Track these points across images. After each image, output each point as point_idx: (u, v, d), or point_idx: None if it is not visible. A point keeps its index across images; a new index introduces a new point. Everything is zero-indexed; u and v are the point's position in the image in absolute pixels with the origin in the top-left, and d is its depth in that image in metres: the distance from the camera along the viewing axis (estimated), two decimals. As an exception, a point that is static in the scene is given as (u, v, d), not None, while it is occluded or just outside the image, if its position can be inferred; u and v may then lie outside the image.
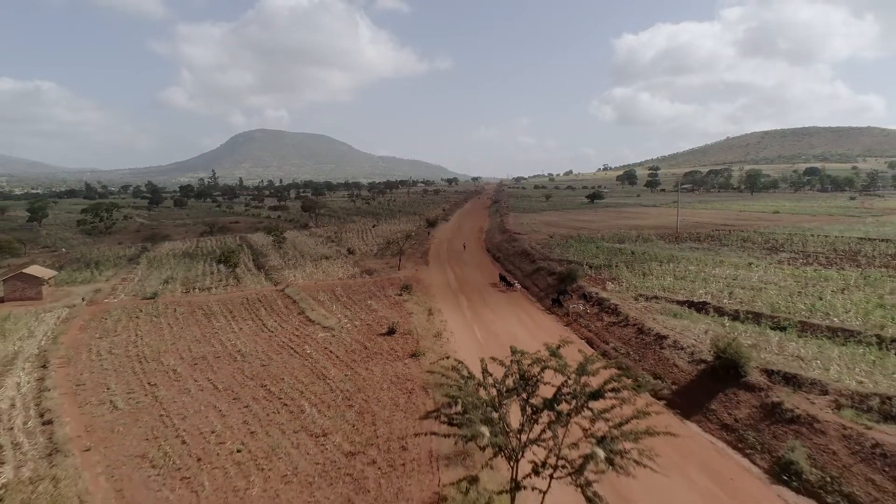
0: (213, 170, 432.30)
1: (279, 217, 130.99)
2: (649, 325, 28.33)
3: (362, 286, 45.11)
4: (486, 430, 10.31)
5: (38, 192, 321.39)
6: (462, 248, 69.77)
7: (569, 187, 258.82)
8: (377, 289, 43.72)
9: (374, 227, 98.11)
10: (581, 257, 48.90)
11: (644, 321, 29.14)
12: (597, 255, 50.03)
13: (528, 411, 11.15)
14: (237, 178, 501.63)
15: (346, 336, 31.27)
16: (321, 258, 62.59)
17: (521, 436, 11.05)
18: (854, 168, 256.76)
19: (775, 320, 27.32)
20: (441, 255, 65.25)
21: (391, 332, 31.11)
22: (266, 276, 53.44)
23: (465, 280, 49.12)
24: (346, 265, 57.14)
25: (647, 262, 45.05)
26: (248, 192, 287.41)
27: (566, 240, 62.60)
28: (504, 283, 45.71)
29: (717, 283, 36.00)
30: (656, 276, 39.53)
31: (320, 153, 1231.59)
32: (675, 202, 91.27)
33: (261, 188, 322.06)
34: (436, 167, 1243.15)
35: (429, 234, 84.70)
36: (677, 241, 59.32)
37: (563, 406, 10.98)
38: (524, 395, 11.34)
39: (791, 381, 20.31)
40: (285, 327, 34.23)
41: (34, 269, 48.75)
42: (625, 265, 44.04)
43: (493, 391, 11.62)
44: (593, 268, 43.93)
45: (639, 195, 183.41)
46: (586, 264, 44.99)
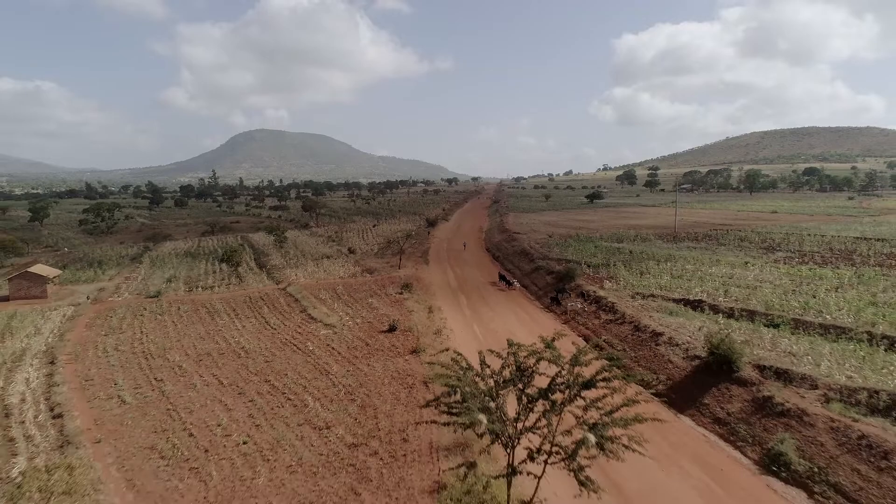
0: (214, 170, 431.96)
1: (280, 217, 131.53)
2: (645, 323, 28.80)
3: (363, 285, 45.61)
4: (483, 417, 10.86)
5: (39, 192, 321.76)
6: (462, 248, 70.11)
7: (568, 187, 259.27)
8: (378, 287, 44.21)
9: (374, 226, 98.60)
10: (579, 256, 49.29)
11: (640, 319, 29.61)
12: (595, 255, 50.49)
13: (524, 400, 11.70)
14: (237, 178, 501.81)
15: (348, 333, 31.79)
16: (322, 257, 63.10)
17: (517, 424, 11.59)
18: (853, 168, 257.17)
19: (769, 318, 27.79)
20: (441, 254, 65.73)
21: (392, 329, 31.61)
22: (268, 274, 53.96)
23: (465, 279, 49.60)
24: (346, 264, 57.66)
25: (645, 262, 45.47)
26: (249, 192, 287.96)
27: (565, 239, 63.05)
28: (503, 282, 46.14)
29: (714, 282, 36.47)
30: (653, 275, 39.99)
31: (320, 153, 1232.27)
32: (674, 202, 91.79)
33: (261, 188, 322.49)
34: (436, 167, 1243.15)
35: (429, 234, 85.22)
36: (675, 240, 59.79)
37: (557, 395, 11.53)
38: (520, 386, 11.88)
39: (782, 375, 20.82)
40: (288, 325, 34.75)
41: (39, 268, 49.28)
42: (623, 264, 44.49)
43: (491, 382, 12.17)
44: (591, 267, 44.38)
45: (638, 195, 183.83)
46: (585, 263, 45.41)
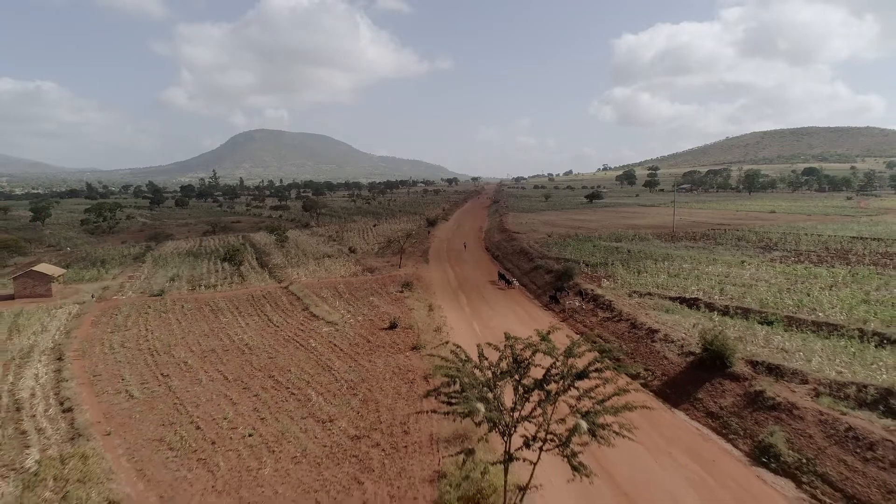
0: (214, 170, 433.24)
1: (280, 217, 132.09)
2: (642, 320, 29.32)
3: (364, 283, 46.14)
4: (481, 406, 11.40)
5: (39, 192, 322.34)
6: (462, 248, 70.59)
7: (568, 187, 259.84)
8: (379, 286, 44.74)
9: (374, 226, 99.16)
10: (578, 256, 49.81)
11: (637, 316, 30.13)
12: (593, 254, 51.03)
13: (521, 391, 12.23)
14: (237, 178, 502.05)
15: (350, 330, 32.34)
16: (323, 257, 63.68)
17: (513, 413, 12.13)
18: (852, 168, 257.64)
19: (763, 315, 28.34)
20: (441, 253, 66.28)
21: (393, 326, 32.16)
22: (270, 273, 54.50)
23: (465, 278, 50.13)
24: (347, 263, 58.23)
25: (643, 261, 46.01)
26: (249, 192, 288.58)
27: (564, 239, 63.60)
28: (503, 280, 46.64)
29: (710, 281, 37.01)
30: (651, 274, 40.53)
31: (320, 153, 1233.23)
32: (673, 202, 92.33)
33: (261, 188, 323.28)
34: (436, 167, 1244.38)
35: (429, 234, 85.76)
36: (673, 239, 60.34)
37: (552, 385, 12.07)
38: (517, 377, 12.42)
39: (774, 371, 21.39)
40: (290, 322, 35.29)
41: (43, 267, 49.83)
42: (620, 263, 45.01)
43: (489, 373, 12.71)
44: (590, 266, 44.91)
45: (637, 195, 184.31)
46: (583, 262, 45.93)
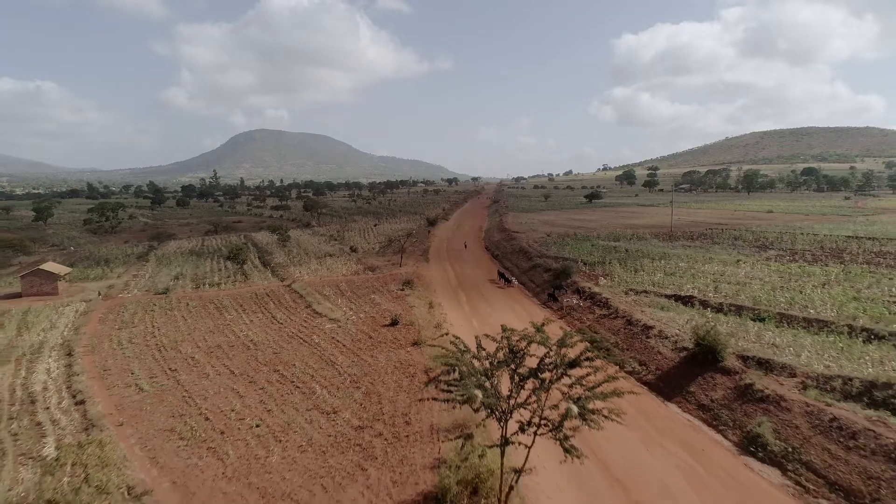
0: (215, 170, 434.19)
1: (282, 216, 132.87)
2: (637, 317, 30.05)
3: (366, 282, 46.88)
4: (479, 392, 12.12)
5: (40, 192, 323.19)
6: (462, 247, 71.24)
7: (568, 187, 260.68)
8: (380, 284, 45.47)
9: (375, 226, 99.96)
10: (576, 255, 50.48)
11: (633, 313, 30.86)
12: (592, 253, 51.71)
13: (516, 379, 12.96)
14: (238, 178, 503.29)
15: (352, 327, 33.07)
16: (325, 256, 64.45)
17: (509, 400, 12.86)
18: (851, 168, 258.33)
19: (756, 312, 29.08)
20: (441, 252, 67.00)
21: (394, 323, 32.90)
22: (272, 272, 55.25)
23: (465, 276, 50.85)
24: (349, 262, 58.99)
25: (640, 259, 46.70)
26: (250, 192, 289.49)
27: (563, 238, 64.31)
28: (502, 279, 47.30)
29: (705, 279, 37.70)
30: (647, 273, 41.22)
31: (321, 153, 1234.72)
32: (671, 202, 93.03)
33: (262, 188, 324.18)
34: (436, 167, 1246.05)
35: (429, 233, 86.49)
36: (671, 239, 61.04)
37: (545, 374, 12.80)
38: (513, 366, 13.15)
39: (764, 365, 22.11)
40: (294, 319, 36.02)
41: (50, 266, 50.58)
42: (618, 262, 45.70)
43: (486, 363, 13.44)
44: (588, 265, 45.59)
45: (637, 195, 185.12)
46: (581, 261, 46.60)
